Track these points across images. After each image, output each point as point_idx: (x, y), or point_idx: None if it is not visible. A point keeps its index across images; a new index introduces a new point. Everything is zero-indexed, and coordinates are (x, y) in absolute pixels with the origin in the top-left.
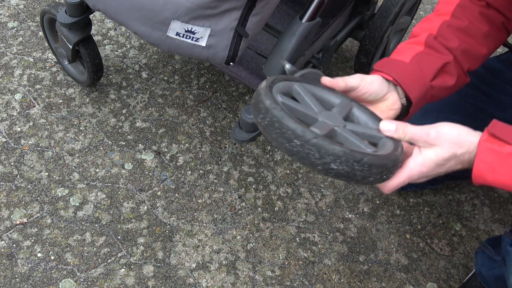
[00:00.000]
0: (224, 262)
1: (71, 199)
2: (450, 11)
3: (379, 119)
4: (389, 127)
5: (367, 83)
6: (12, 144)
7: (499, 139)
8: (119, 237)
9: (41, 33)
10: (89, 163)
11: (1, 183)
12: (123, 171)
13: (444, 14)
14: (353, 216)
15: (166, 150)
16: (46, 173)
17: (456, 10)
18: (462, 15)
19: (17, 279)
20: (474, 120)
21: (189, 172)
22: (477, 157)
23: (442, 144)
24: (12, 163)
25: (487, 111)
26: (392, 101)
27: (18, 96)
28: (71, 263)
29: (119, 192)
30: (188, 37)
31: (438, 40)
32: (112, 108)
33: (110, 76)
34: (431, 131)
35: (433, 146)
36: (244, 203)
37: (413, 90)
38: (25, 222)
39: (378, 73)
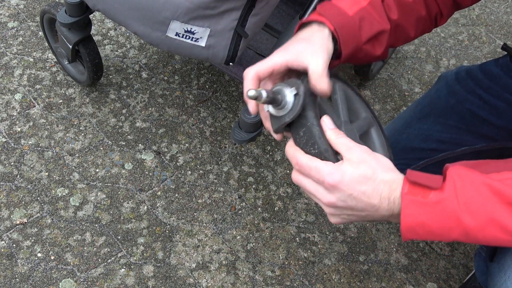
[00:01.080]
0: (224, 262)
1: (71, 199)
2: None
3: (387, 149)
4: (329, 125)
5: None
6: (12, 144)
7: (421, 186)
8: (119, 237)
9: (41, 33)
10: (89, 163)
11: (1, 183)
12: (123, 171)
13: None
14: None
15: (166, 150)
16: (46, 173)
17: None
18: None
19: (17, 279)
20: (468, 125)
21: (189, 172)
22: (402, 211)
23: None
24: (12, 163)
25: (482, 117)
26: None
27: (18, 96)
28: (71, 263)
29: (119, 192)
30: (187, 37)
31: (383, 4)
32: (112, 108)
33: (110, 76)
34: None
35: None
36: (244, 203)
37: (347, 47)
38: (25, 222)
39: (320, 18)
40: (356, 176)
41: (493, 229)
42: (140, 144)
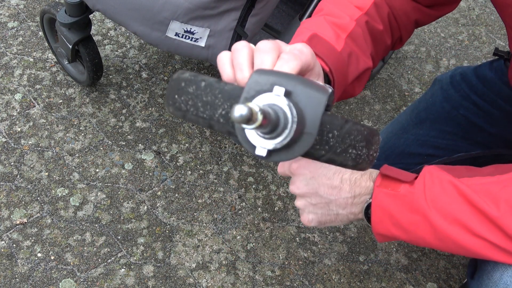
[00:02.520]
0: (224, 262)
1: (71, 199)
2: (366, 8)
3: None
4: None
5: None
6: (12, 144)
7: (393, 179)
8: (119, 237)
9: (41, 33)
10: (89, 163)
11: (1, 183)
12: (123, 171)
13: (359, 8)
14: None
15: (166, 150)
16: (46, 173)
17: (372, 8)
18: (378, 17)
19: (17, 279)
20: (465, 132)
21: (189, 172)
22: (372, 202)
23: None
24: (12, 163)
25: (478, 124)
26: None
27: (18, 96)
28: (71, 263)
29: (119, 192)
30: (187, 37)
31: (363, 36)
32: (112, 108)
33: (110, 76)
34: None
35: None
36: (244, 203)
37: (339, 89)
38: (25, 222)
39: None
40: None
41: (458, 229)
42: (140, 144)
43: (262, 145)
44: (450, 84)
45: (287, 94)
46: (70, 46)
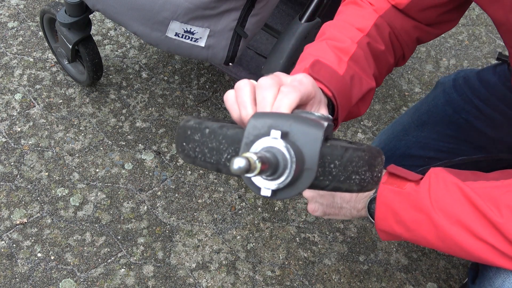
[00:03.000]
0: (224, 262)
1: (71, 199)
2: (367, 29)
3: None
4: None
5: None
6: (12, 144)
7: (399, 177)
8: (119, 237)
9: (41, 33)
10: (89, 163)
11: (1, 183)
12: (123, 171)
13: (360, 30)
14: None
15: (166, 150)
16: (46, 173)
17: (373, 29)
18: (379, 38)
19: (17, 279)
20: (467, 136)
21: (189, 172)
22: (377, 199)
23: None
24: (12, 163)
25: (479, 128)
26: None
27: (18, 96)
28: (71, 263)
29: (119, 192)
30: (187, 37)
31: (365, 57)
32: (112, 108)
33: (110, 76)
34: None
35: None
36: (244, 203)
37: (343, 112)
38: (25, 222)
39: (318, 84)
40: None
41: (460, 230)
42: (140, 144)
43: (266, 186)
44: (453, 87)
45: (284, 136)
46: (70, 46)
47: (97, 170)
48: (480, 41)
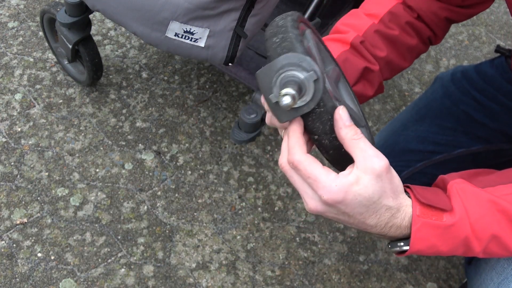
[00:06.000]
0: (224, 262)
1: (71, 199)
2: (380, 16)
3: (356, 103)
4: (346, 121)
5: None
6: (12, 144)
7: (433, 208)
8: (119, 237)
9: (41, 33)
10: (89, 163)
11: (1, 183)
12: (123, 171)
13: (373, 16)
14: None
15: (166, 150)
16: (46, 173)
17: (386, 16)
18: (393, 24)
19: (17, 279)
20: (466, 127)
21: (189, 172)
22: (413, 235)
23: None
24: (12, 163)
25: (478, 119)
26: None
27: (18, 96)
28: (71, 263)
29: (119, 192)
30: (187, 37)
31: (364, 45)
32: (112, 108)
33: (110, 76)
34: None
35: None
36: (244, 203)
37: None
38: (25, 222)
39: None
40: (361, 199)
41: (494, 245)
42: (140, 144)
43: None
44: (451, 81)
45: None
46: (70, 46)
47: (97, 170)
48: (480, 41)
